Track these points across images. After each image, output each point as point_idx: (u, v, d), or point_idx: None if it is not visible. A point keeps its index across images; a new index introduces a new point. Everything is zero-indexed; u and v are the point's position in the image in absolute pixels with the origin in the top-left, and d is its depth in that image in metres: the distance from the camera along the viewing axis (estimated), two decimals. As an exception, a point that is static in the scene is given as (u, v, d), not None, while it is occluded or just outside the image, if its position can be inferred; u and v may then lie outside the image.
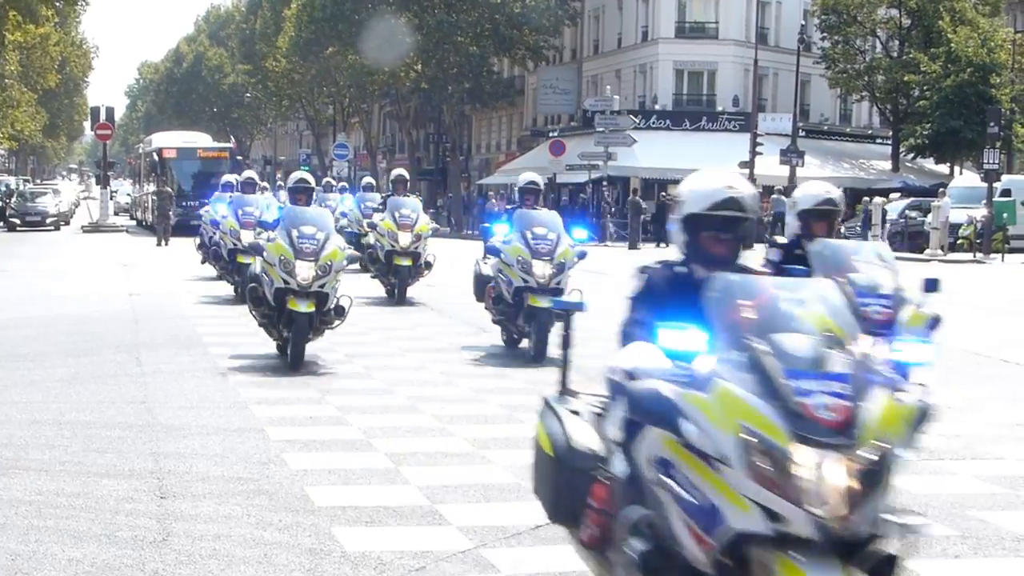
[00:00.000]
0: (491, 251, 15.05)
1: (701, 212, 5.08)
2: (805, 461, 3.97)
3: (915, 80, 53.41)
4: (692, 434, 4.19)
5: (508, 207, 17.57)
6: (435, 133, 77.93)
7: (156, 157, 52.23)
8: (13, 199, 56.76)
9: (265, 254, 13.91)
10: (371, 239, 21.85)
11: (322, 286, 13.57)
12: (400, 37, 60.37)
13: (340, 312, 14.01)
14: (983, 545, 7.33)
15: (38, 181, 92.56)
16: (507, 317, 15.01)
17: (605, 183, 52.62)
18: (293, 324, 13.53)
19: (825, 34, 57.66)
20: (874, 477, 4.06)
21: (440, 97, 65.56)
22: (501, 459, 9.31)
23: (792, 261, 8.19)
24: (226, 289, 22.53)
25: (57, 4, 56.91)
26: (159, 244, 41.21)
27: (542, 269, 14.39)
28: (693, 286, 4.80)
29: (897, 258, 9.46)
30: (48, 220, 54.46)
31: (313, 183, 15.44)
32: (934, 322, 8.32)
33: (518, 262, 14.42)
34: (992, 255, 38.02)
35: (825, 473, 3.98)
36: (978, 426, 11.10)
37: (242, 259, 19.78)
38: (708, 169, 5.49)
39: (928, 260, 37.51)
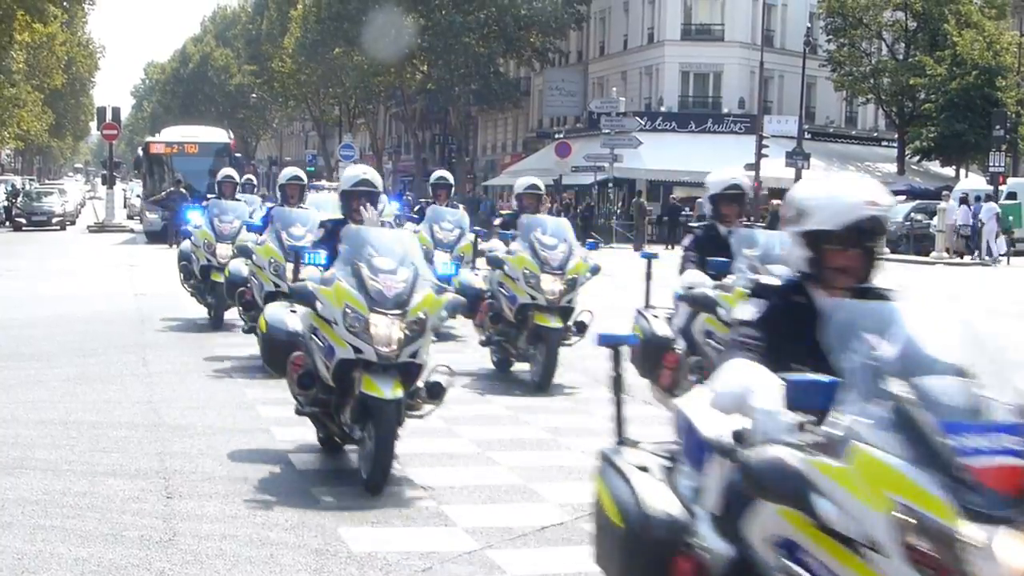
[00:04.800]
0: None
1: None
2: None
3: (921, 83, 53.36)
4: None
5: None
6: (441, 134, 77.97)
7: (141, 153, 48.76)
8: (19, 199, 56.76)
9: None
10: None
11: None
12: (407, 37, 60.42)
13: None
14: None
15: (44, 181, 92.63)
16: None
17: (611, 185, 52.63)
18: None
19: (831, 36, 57.65)
20: None
21: (446, 98, 65.60)
22: (507, 460, 9.32)
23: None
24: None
25: (65, 4, 56.94)
26: (171, 246, 39.83)
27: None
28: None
29: (902, 261, 9.72)
30: (54, 220, 54.49)
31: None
32: None
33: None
34: (998, 258, 37.99)
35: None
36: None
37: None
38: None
39: (933, 263, 37.49)
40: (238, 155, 47.09)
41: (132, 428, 10.29)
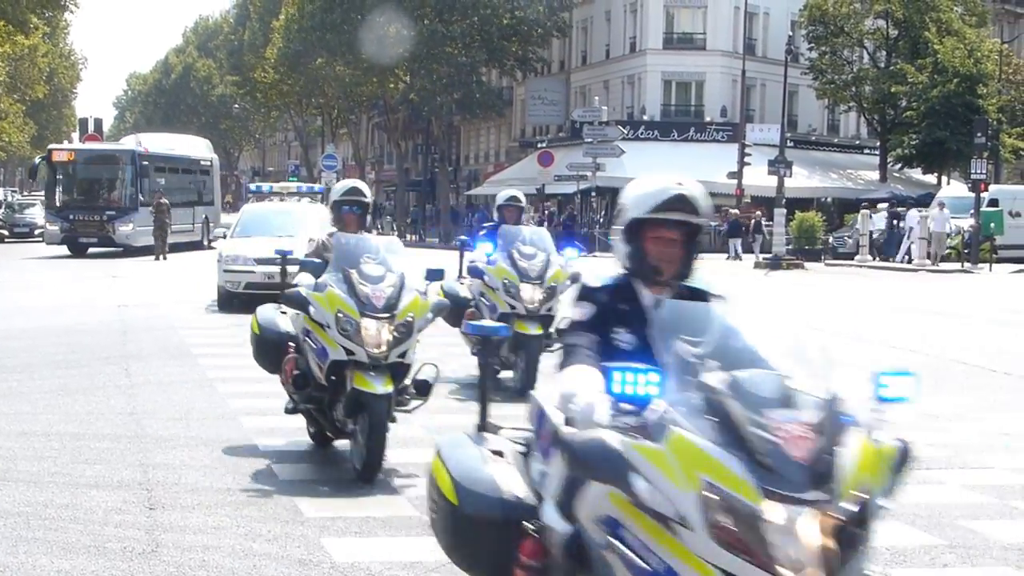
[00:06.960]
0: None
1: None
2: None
3: (902, 91, 53.61)
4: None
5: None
6: (423, 144, 78.00)
7: (38, 161, 45.18)
8: (1, 210, 56.62)
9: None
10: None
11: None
12: (390, 47, 60.40)
13: None
14: (971, 554, 7.35)
15: (26, 193, 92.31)
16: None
17: (593, 194, 52.69)
18: None
19: (812, 45, 57.90)
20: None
21: (429, 108, 65.63)
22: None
23: None
24: (213, 297, 22.47)
25: (47, 14, 56.80)
26: (157, 258, 38.98)
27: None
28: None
29: (882, 268, 9.51)
30: (36, 231, 54.24)
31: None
32: None
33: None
34: (980, 265, 38.14)
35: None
36: (966, 436, 11.13)
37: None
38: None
39: (916, 269, 37.61)
40: (145, 163, 43.66)
41: (114, 440, 10.26)
